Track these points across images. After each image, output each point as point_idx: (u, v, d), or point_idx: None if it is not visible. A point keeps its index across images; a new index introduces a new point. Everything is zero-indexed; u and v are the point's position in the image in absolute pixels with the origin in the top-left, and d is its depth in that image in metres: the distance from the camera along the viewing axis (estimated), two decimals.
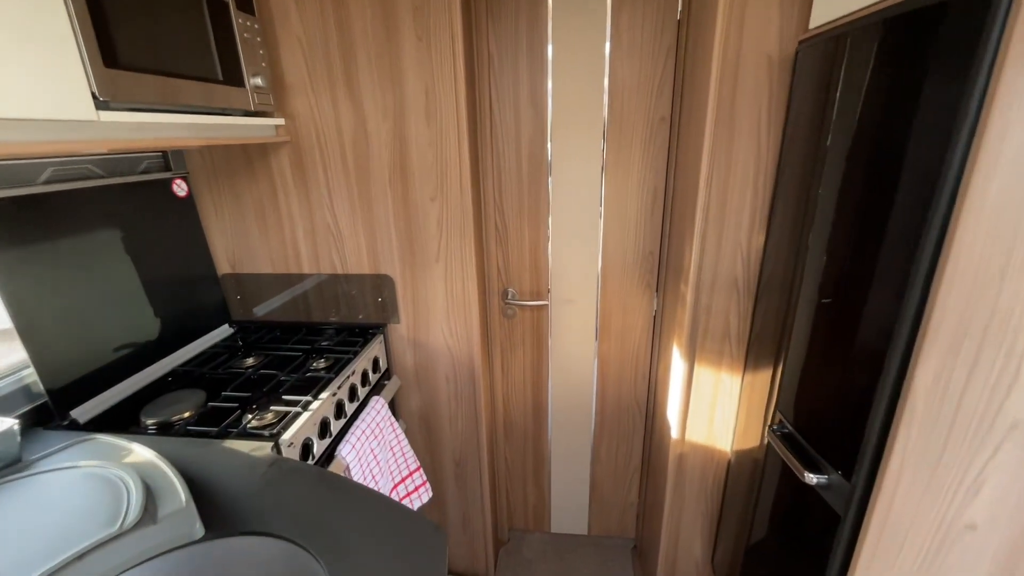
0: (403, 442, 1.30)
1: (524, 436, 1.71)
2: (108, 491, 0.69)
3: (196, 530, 0.66)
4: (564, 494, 1.78)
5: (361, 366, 1.22)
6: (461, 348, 1.38)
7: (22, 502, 0.68)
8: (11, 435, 0.79)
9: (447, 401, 1.46)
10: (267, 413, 0.98)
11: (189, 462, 0.81)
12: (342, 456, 1.06)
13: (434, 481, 1.56)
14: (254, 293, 1.40)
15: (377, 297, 1.36)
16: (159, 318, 1.18)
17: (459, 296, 1.33)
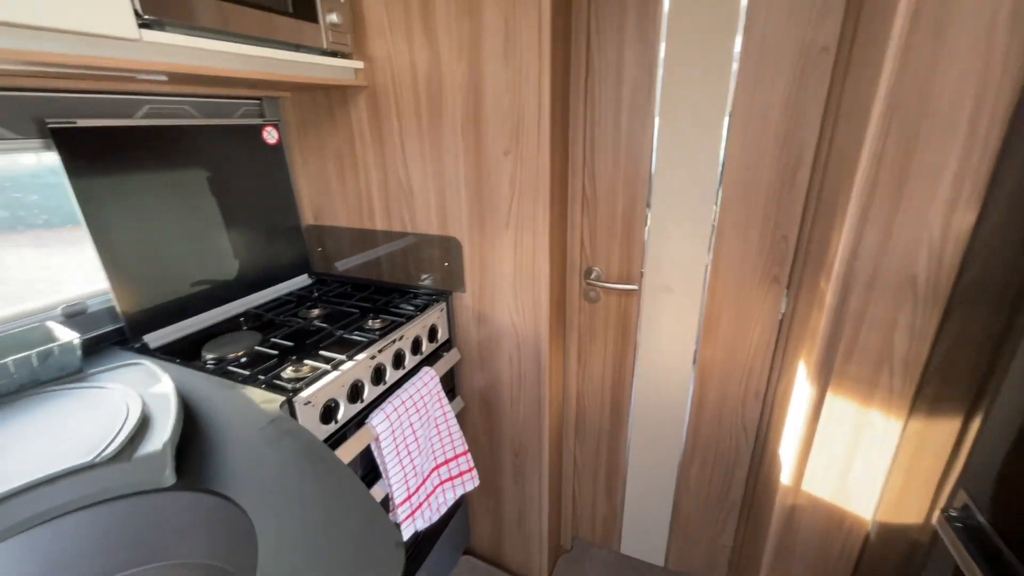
0: (451, 421, 1.19)
1: (598, 438, 1.49)
2: (111, 418, 0.67)
3: (166, 477, 0.61)
4: (640, 513, 1.52)
5: (413, 332, 1.13)
6: (527, 328, 1.21)
7: (51, 412, 0.71)
8: (72, 348, 0.84)
9: (509, 383, 1.31)
10: (303, 366, 0.93)
11: (205, 404, 0.78)
12: (372, 425, 0.97)
13: (491, 469, 1.44)
14: (332, 246, 1.40)
15: (444, 261, 1.25)
16: (238, 260, 1.22)
17: (528, 269, 1.15)
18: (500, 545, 1.55)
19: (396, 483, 1.03)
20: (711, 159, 1.10)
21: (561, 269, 1.27)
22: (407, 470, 1.05)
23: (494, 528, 1.54)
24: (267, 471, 0.63)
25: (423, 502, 1.11)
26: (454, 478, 1.20)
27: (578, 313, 1.36)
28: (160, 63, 0.75)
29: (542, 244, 1.11)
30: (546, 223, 1.10)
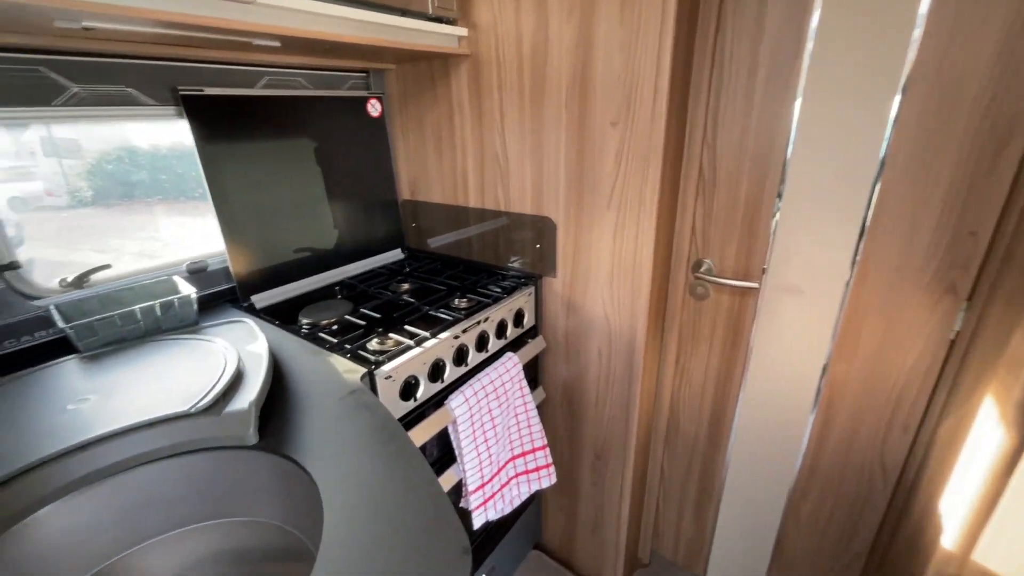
0: (531, 412, 1.12)
1: (691, 451, 1.34)
2: (211, 372, 0.70)
3: (249, 436, 0.61)
4: (734, 542, 1.35)
5: (498, 315, 1.07)
6: (622, 321, 1.10)
7: (163, 359, 0.75)
8: (189, 302, 0.90)
9: (596, 380, 1.20)
10: (388, 339, 0.91)
11: (293, 367, 0.80)
12: (451, 407, 0.94)
13: (569, 467, 1.36)
14: (426, 222, 1.39)
15: (536, 243, 1.17)
16: (337, 230, 1.25)
17: (628, 256, 1.03)
18: (572, 546, 1.47)
19: (471, 469, 0.99)
20: (871, 140, 0.89)
21: (666, 259, 1.13)
22: (482, 457, 1.01)
23: (567, 528, 1.46)
24: (341, 444, 0.61)
25: (496, 492, 1.06)
26: (530, 472, 1.14)
27: (681, 310, 1.21)
28: (273, 26, 0.76)
29: (647, 229, 0.99)
30: (654, 205, 0.97)
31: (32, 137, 0.88)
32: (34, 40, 0.75)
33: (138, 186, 1.00)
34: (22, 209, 0.87)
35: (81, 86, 0.84)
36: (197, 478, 0.61)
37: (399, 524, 0.49)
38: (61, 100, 0.83)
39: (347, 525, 0.49)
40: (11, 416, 0.61)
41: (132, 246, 1.01)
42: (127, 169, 0.99)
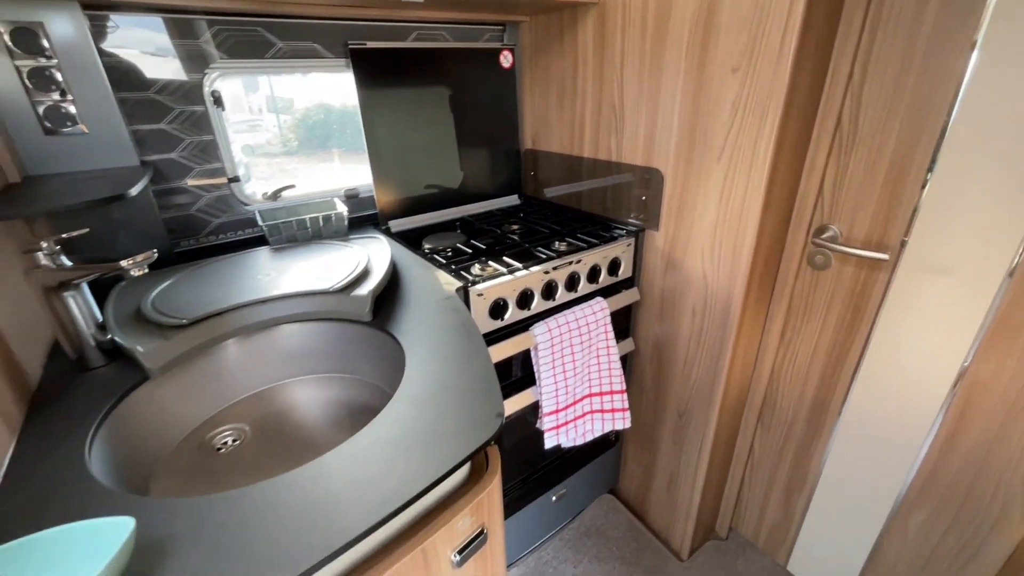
0: (614, 357, 1.17)
1: (786, 433, 1.25)
2: (348, 266, 0.90)
3: (365, 314, 0.79)
4: (824, 537, 1.25)
5: (592, 260, 1.12)
6: (720, 283, 1.07)
7: (319, 255, 0.99)
8: (342, 218, 1.14)
9: (687, 339, 1.20)
10: (488, 267, 1.04)
11: (407, 273, 0.97)
12: (534, 333, 1.04)
13: (651, 422, 1.38)
14: (543, 171, 1.47)
15: (642, 195, 1.18)
16: (463, 172, 1.40)
17: (734, 213, 0.99)
18: (646, 499, 1.51)
19: (547, 394, 1.09)
20: None
21: (781, 221, 1.05)
22: (559, 385, 1.10)
23: (643, 481, 1.50)
24: (428, 332, 0.75)
25: (570, 421, 1.15)
26: (605, 411, 1.20)
27: (794, 278, 1.12)
28: None
29: (757, 184, 0.94)
30: (767, 159, 0.91)
31: (260, 97, 1.17)
32: (259, 6, 1.00)
33: (327, 139, 1.27)
34: (250, 154, 1.18)
35: (284, 42, 1.09)
36: (327, 340, 0.82)
37: (455, 389, 0.61)
38: (271, 53, 1.08)
39: (418, 383, 0.63)
40: (223, 278, 0.88)
41: (313, 177, 1.29)
42: (322, 124, 1.26)
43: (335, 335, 0.82)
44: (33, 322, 0.71)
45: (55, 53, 0.83)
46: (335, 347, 0.83)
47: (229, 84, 1.07)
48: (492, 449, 0.62)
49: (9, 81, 0.81)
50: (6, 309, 0.64)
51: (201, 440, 0.71)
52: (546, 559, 1.44)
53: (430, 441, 0.53)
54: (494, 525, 0.61)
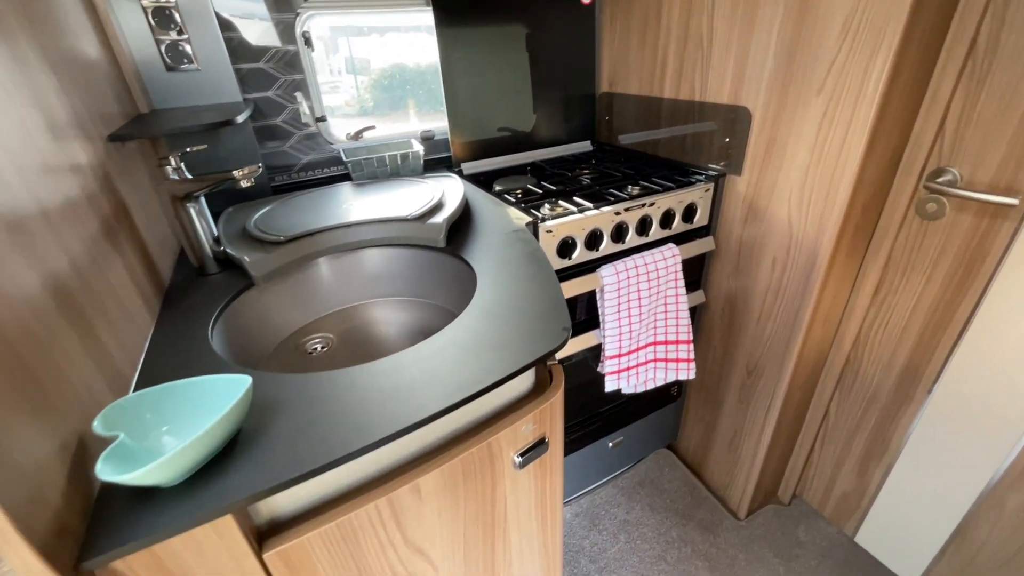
0: (682, 306, 1.14)
1: (869, 399, 1.17)
2: (423, 199, 0.94)
3: (440, 240, 0.83)
4: (901, 511, 1.18)
5: (666, 204, 1.09)
6: (807, 230, 0.99)
7: (397, 190, 1.04)
8: (418, 157, 1.18)
9: (764, 293, 1.14)
10: (558, 206, 1.04)
11: (478, 208, 1.00)
12: (601, 274, 1.04)
13: (716, 377, 1.35)
14: (619, 116, 1.42)
15: (725, 137, 1.11)
16: (536, 116, 1.39)
17: (831, 153, 0.91)
18: (705, 457, 1.49)
19: (610, 337, 1.10)
20: None
21: (887, 163, 0.95)
22: (623, 329, 1.10)
23: (703, 439, 1.48)
24: (499, 259, 0.78)
25: (631, 367, 1.15)
26: (669, 361, 1.19)
27: (897, 229, 1.01)
28: None
29: (863, 121, 0.84)
30: (878, 91, 0.81)
31: (339, 60, 1.22)
32: None
33: (401, 99, 1.31)
34: (330, 115, 1.24)
35: None
36: (404, 265, 0.87)
37: (523, 307, 0.64)
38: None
39: (488, 300, 0.66)
40: (313, 206, 0.96)
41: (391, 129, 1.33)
42: (398, 84, 1.29)
43: (412, 261, 0.87)
44: (165, 235, 0.83)
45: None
46: (411, 272, 0.88)
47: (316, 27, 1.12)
48: (556, 366, 0.65)
49: (138, 22, 0.91)
50: (145, 222, 0.74)
51: (296, 344, 0.80)
52: (599, 502, 1.49)
53: (499, 346, 0.56)
54: (555, 437, 0.64)
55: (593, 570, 1.31)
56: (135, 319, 0.60)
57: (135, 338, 0.58)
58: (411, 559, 0.56)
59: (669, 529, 1.39)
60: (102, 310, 0.52)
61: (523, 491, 0.64)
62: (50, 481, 0.35)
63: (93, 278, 0.52)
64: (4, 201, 0.41)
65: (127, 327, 0.56)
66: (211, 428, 0.39)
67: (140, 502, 0.39)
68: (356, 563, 0.51)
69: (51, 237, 0.47)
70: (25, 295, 0.39)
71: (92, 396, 0.44)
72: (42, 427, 0.36)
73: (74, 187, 0.54)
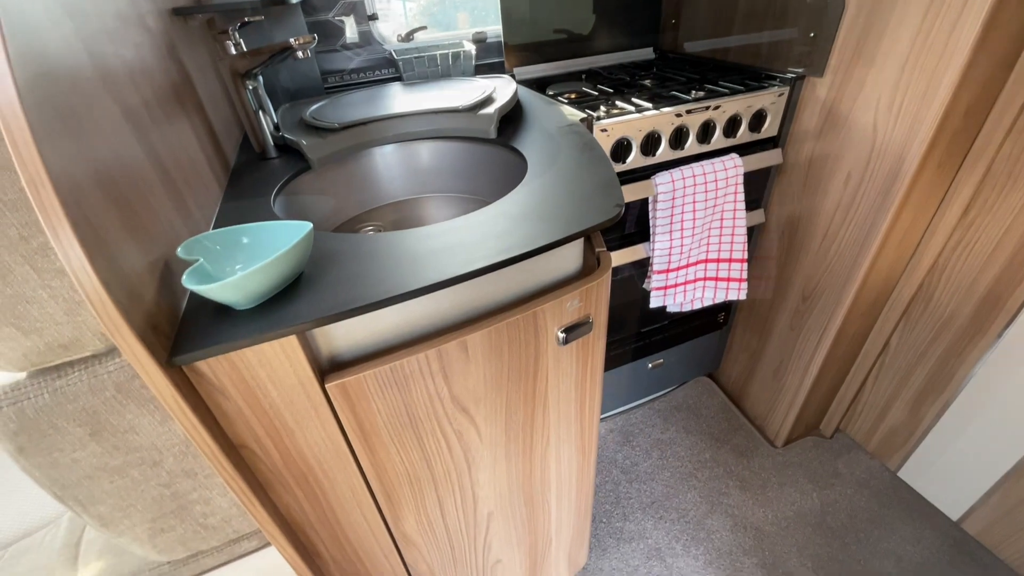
0: (739, 224, 1.09)
1: (938, 331, 1.10)
2: (476, 93, 0.92)
3: (490, 131, 0.81)
4: (953, 448, 1.13)
5: (732, 108, 1.00)
6: (895, 136, 0.90)
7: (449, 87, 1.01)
8: (470, 56, 1.13)
9: (831, 212, 1.06)
10: (614, 108, 0.99)
11: (531, 107, 0.96)
12: (655, 182, 0.99)
13: (767, 304, 1.30)
14: (688, 18, 1.29)
15: (810, 31, 0.99)
16: (595, 16, 1.29)
17: (938, 42, 0.79)
18: (747, 385, 1.48)
19: (659, 250, 1.07)
20: None
21: (1005, 55, 0.82)
22: (674, 243, 1.06)
23: (747, 367, 1.46)
24: (552, 149, 0.75)
25: (679, 284, 1.13)
26: (720, 279, 1.15)
27: (1004, 136, 0.89)
28: None
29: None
30: None
31: None
32: None
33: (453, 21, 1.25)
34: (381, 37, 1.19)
35: None
36: (455, 159, 0.87)
37: (576, 188, 0.62)
38: None
39: (540, 180, 0.65)
40: (367, 100, 0.96)
41: None
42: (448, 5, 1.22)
43: (463, 154, 0.87)
44: (228, 120, 0.85)
45: None
46: (462, 167, 0.88)
47: None
48: (605, 252, 0.64)
49: None
50: (210, 103, 0.77)
51: (350, 230, 0.83)
52: (634, 420, 1.52)
53: (550, 217, 0.55)
54: (599, 319, 0.64)
55: (624, 480, 1.36)
56: (206, 184, 0.63)
57: (208, 200, 0.62)
58: (456, 416, 0.59)
59: (703, 451, 1.42)
60: (180, 170, 0.55)
61: (564, 370, 0.66)
62: (146, 287, 0.39)
63: (170, 139, 0.55)
64: (89, 39, 0.43)
65: (200, 189, 0.60)
66: (277, 258, 0.42)
67: (219, 319, 0.43)
68: (407, 410, 0.55)
69: (133, 89, 0.49)
70: (123, 144, 0.42)
71: (176, 234, 0.48)
72: (139, 246, 0.40)
73: (146, 45, 0.56)
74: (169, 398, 0.39)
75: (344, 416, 0.51)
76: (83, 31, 0.42)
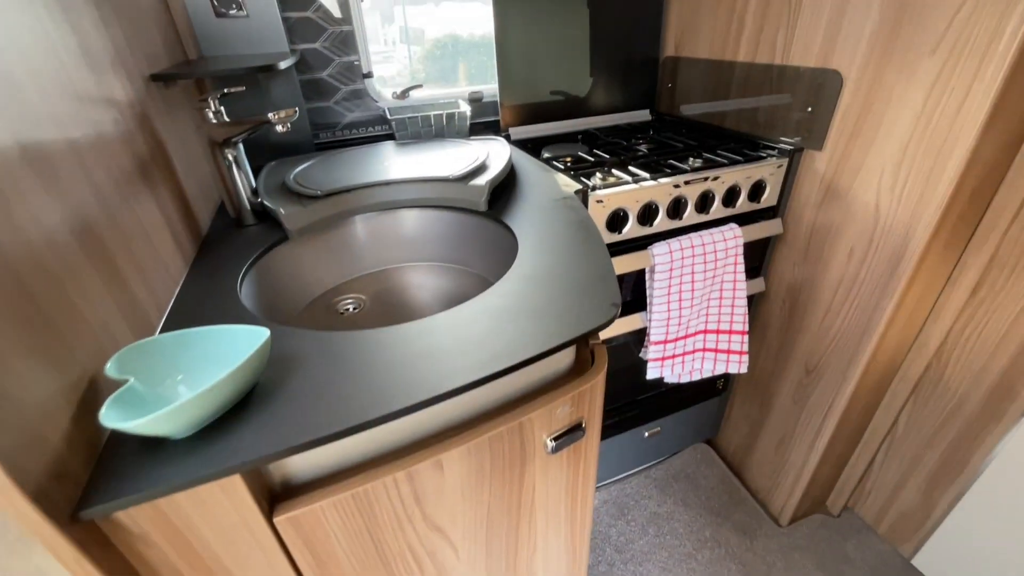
0: (739, 294, 1.04)
1: (949, 413, 1.04)
2: (467, 160, 0.88)
3: (481, 203, 0.77)
4: (971, 538, 1.06)
5: (731, 179, 0.98)
6: (898, 217, 0.87)
7: (441, 150, 0.98)
8: (465, 118, 1.12)
9: (835, 285, 1.02)
10: (610, 176, 0.96)
11: (524, 174, 0.93)
12: (653, 252, 0.95)
13: (767, 373, 1.24)
14: (683, 83, 1.29)
15: (807, 106, 0.98)
16: (592, 80, 1.29)
17: (942, 123, 0.77)
18: (747, 456, 1.40)
19: (656, 321, 1.02)
20: None
21: (1010, 137, 0.80)
22: (672, 314, 1.02)
23: (748, 437, 1.38)
24: (544, 227, 0.71)
25: (677, 355, 1.07)
26: (719, 351, 1.09)
27: (1011, 220, 0.87)
28: None
29: (988, 84, 0.71)
30: (1012, 48, 0.68)
31: (394, 29, 1.17)
32: None
33: (453, 69, 1.26)
34: (382, 85, 1.19)
35: None
36: (443, 228, 0.82)
37: (568, 277, 0.57)
38: None
39: (530, 267, 0.60)
40: (354, 163, 0.92)
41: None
42: (449, 54, 1.24)
43: (451, 224, 0.82)
44: (206, 183, 0.81)
45: None
46: (450, 236, 0.84)
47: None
48: (600, 347, 0.58)
49: None
50: (185, 168, 0.73)
51: (328, 303, 0.77)
52: (629, 491, 1.43)
53: (539, 316, 0.50)
54: (592, 423, 0.58)
55: (618, 560, 1.26)
56: (167, 264, 0.58)
57: (165, 283, 0.56)
58: (430, 537, 0.52)
59: (702, 528, 1.32)
60: (129, 252, 0.50)
61: (554, 477, 0.59)
62: (52, 422, 0.33)
63: (122, 218, 0.50)
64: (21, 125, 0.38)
65: (157, 272, 0.55)
66: (221, 381, 0.36)
67: (149, 453, 0.36)
68: (372, 537, 0.48)
69: (78, 170, 0.44)
70: (42, 229, 0.37)
71: (111, 338, 0.42)
72: (47, 364, 0.34)
73: (107, 121, 0.52)
74: (71, 561, 0.32)
75: (297, 551, 0.44)
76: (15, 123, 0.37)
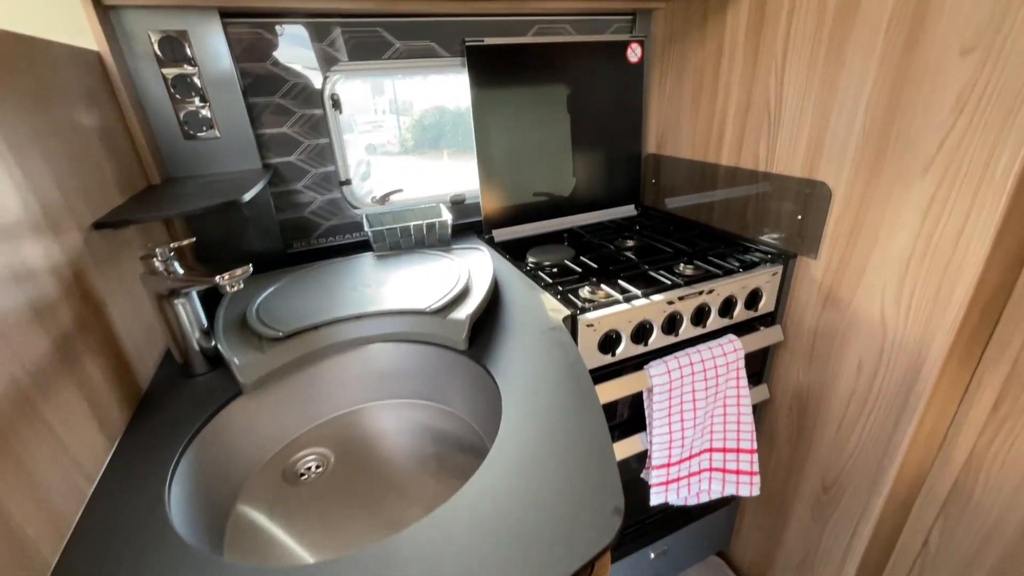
0: (744, 410, 0.97)
1: (985, 534, 0.94)
2: (448, 283, 0.82)
3: (461, 342, 0.70)
4: None
5: (727, 290, 0.93)
6: (908, 332, 0.82)
7: (419, 267, 0.93)
8: (446, 226, 1.07)
9: (847, 397, 0.95)
10: (599, 290, 0.91)
11: (509, 295, 0.87)
12: (649, 373, 0.88)
13: (780, 486, 1.14)
14: (667, 180, 1.29)
15: (797, 214, 0.96)
16: (575, 179, 1.28)
17: (945, 244, 0.74)
18: (766, 573, 1.26)
19: (658, 444, 0.93)
20: None
21: (1012, 256, 0.77)
22: (674, 436, 0.93)
23: (764, 552, 1.25)
24: (530, 371, 0.64)
25: (682, 478, 0.97)
26: (728, 472, 1.00)
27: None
28: None
29: (990, 209, 0.68)
30: (1011, 175, 0.65)
31: (385, 100, 1.18)
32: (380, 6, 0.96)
33: (439, 139, 1.26)
34: (372, 152, 1.19)
35: (401, 42, 1.05)
36: (419, 364, 0.75)
37: (560, 456, 0.49)
38: (388, 54, 1.05)
39: (514, 444, 0.52)
40: (324, 286, 0.86)
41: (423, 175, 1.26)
42: (435, 125, 1.24)
43: (428, 360, 0.75)
44: (152, 327, 0.73)
45: (196, 60, 0.87)
46: (427, 373, 0.76)
47: (352, 87, 1.07)
48: (603, 563, 0.49)
49: (157, 89, 0.86)
50: (129, 314, 0.65)
51: (284, 464, 0.67)
52: None
53: (528, 535, 0.41)
54: None
55: None
56: (80, 463, 0.49)
57: (72, 493, 0.47)
58: None
59: None
60: (18, 464, 0.40)
61: None
62: None
63: (19, 426, 0.41)
64: None
65: (58, 481, 0.45)
66: None
67: None
68: None
69: None
70: None
71: None
72: None
73: (18, 300, 0.45)
74: None
75: None
76: None
